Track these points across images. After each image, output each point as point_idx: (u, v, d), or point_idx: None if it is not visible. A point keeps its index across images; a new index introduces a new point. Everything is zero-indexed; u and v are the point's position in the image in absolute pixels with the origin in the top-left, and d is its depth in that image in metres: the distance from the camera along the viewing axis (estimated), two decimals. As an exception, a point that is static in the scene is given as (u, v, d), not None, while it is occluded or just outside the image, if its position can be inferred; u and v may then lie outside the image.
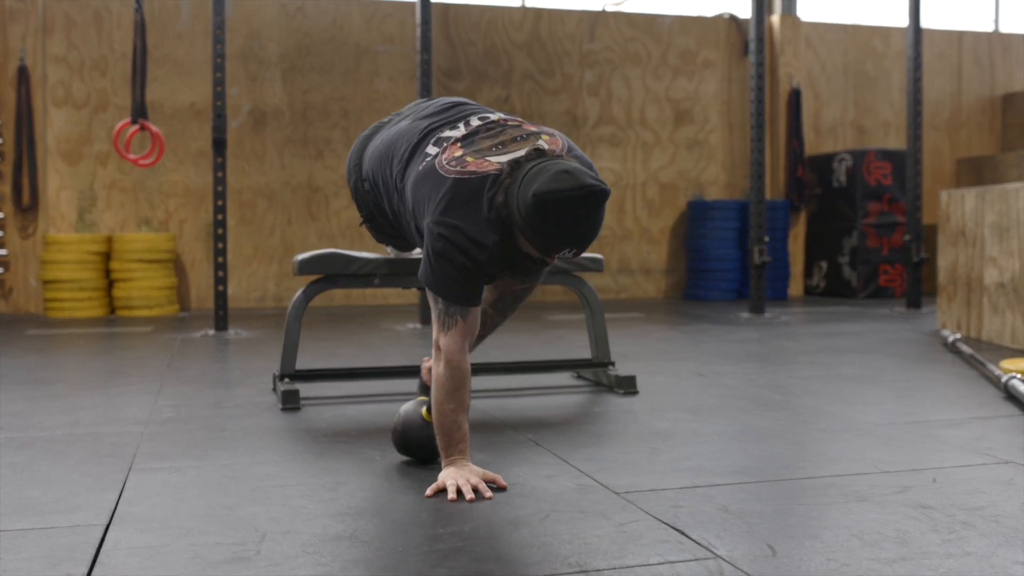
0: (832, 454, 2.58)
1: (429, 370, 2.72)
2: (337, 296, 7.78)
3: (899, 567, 1.71)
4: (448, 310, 2.25)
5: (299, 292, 3.49)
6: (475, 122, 2.44)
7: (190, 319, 6.78)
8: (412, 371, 3.66)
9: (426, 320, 6.14)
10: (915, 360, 4.55)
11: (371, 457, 2.56)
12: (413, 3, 7.91)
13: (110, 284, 7.13)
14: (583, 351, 4.84)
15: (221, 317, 5.74)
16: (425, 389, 2.70)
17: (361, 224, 2.86)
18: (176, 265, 7.45)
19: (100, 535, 1.90)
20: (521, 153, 2.22)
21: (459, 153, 2.32)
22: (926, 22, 9.10)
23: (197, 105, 7.55)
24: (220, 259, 5.74)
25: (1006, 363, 3.93)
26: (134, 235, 7.17)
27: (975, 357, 4.23)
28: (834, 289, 8.59)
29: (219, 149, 5.74)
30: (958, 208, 5.52)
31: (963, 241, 5.44)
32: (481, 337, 2.73)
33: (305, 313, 3.49)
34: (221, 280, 5.75)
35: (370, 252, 3.56)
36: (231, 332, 5.73)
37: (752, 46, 6.72)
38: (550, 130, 2.41)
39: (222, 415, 3.17)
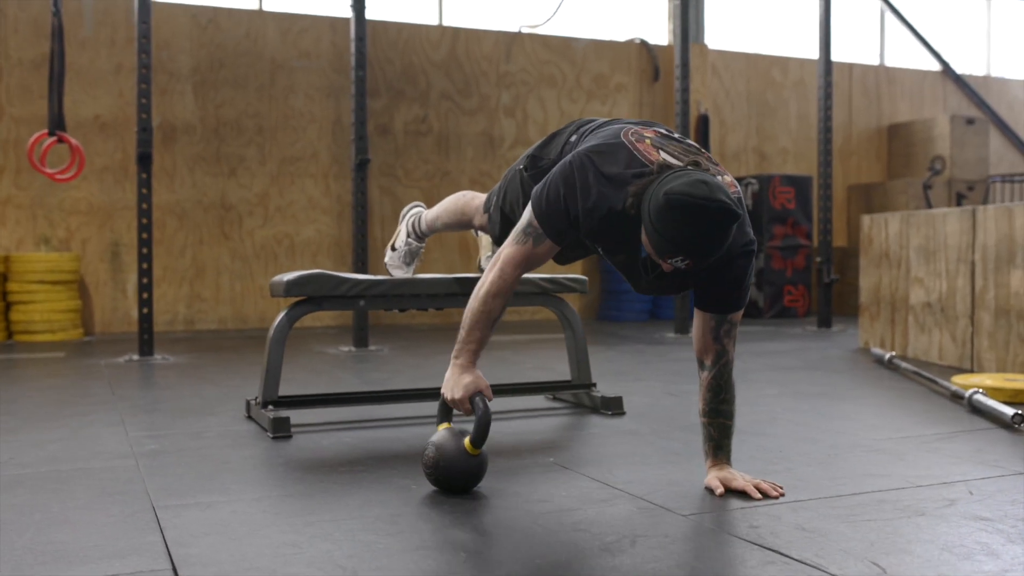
0: (860, 471, 2.63)
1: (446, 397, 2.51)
2: (251, 318, 7.50)
3: (1010, 580, 1.74)
4: (526, 229, 2.33)
5: (282, 314, 3.33)
6: (689, 141, 2.43)
7: (97, 344, 6.40)
8: (399, 396, 3.56)
9: (359, 343, 5.99)
10: (862, 376, 4.71)
11: (406, 487, 2.45)
12: (329, 18, 7.78)
13: (7, 307, 6.66)
14: (539, 373, 4.82)
15: (146, 341, 5.44)
16: (446, 415, 2.58)
17: (523, 164, 2.75)
18: (79, 287, 7.02)
19: (172, 580, 1.74)
20: (685, 161, 2.21)
21: (647, 135, 2.34)
22: (816, 54, 9.54)
23: (102, 118, 7.17)
24: (144, 280, 5.45)
25: (958, 379, 4.11)
26: (35, 255, 6.71)
27: (921, 374, 4.41)
28: (740, 309, 8.84)
29: (144, 164, 5.46)
30: (881, 231, 5.78)
31: (887, 263, 5.69)
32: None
33: (225, 337, 3.34)
34: (146, 302, 5.45)
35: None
36: (157, 357, 5.43)
37: (677, 72, 6.88)
38: (731, 176, 2.35)
39: (212, 446, 2.98)
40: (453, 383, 2.41)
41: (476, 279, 3.54)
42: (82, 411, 3.61)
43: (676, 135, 2.42)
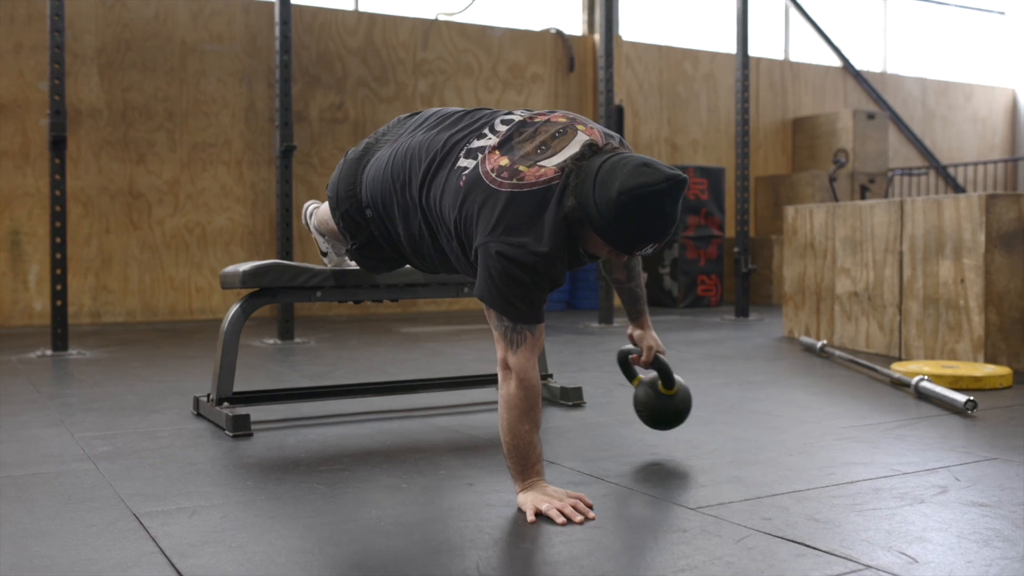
0: (841, 459, 2.66)
1: (627, 355, 2.76)
2: (161, 311, 7.18)
3: (1035, 565, 1.77)
4: (515, 327, 2.11)
5: (236, 306, 3.17)
6: (500, 127, 2.28)
7: (-2, 339, 6.02)
8: (359, 391, 3.44)
9: (285, 335, 5.80)
10: (798, 365, 4.80)
11: (395, 486, 2.36)
12: (242, 0, 7.50)
13: None
14: (482, 365, 4.75)
15: (60, 335, 5.13)
16: (631, 371, 2.83)
17: (347, 251, 2.64)
18: (-26, 278, 6.59)
19: (186, 595, 1.62)
20: (575, 151, 2.11)
21: (505, 162, 2.16)
22: (725, 46, 9.74)
23: (0, 99, 6.73)
24: (59, 271, 5.13)
25: (898, 366, 4.23)
26: (-74, 244, 6.27)
27: (857, 362, 4.53)
28: (655, 299, 8.95)
29: (58, 149, 5.14)
30: (805, 222, 5.91)
31: (811, 253, 5.83)
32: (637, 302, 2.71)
33: (134, 330, 3.18)
34: (60, 294, 5.14)
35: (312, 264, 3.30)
36: (73, 352, 5.13)
37: (601, 62, 6.89)
38: (576, 115, 2.28)
39: (170, 446, 2.81)
40: (545, 498, 2.07)
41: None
42: (12, 411, 3.37)
43: (515, 123, 2.26)
